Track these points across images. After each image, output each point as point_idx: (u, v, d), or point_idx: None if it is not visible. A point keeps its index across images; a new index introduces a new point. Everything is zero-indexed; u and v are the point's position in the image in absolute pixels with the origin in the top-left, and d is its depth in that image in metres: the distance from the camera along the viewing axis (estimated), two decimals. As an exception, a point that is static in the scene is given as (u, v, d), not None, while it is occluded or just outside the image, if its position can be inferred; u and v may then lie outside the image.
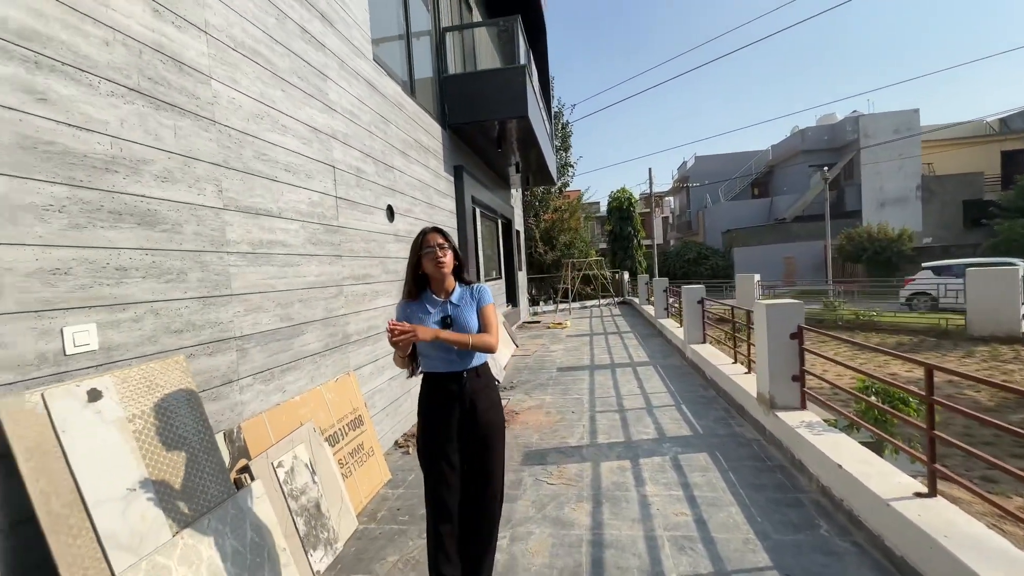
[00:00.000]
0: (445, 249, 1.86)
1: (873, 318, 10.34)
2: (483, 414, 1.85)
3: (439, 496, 1.80)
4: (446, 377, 1.85)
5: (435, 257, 1.83)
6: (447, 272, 1.87)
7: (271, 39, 2.71)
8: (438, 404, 1.86)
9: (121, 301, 1.76)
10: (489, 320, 1.88)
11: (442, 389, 1.85)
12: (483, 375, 1.91)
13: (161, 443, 1.78)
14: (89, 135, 1.67)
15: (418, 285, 1.90)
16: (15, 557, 1.40)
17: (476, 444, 1.86)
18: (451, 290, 1.91)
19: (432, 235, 1.88)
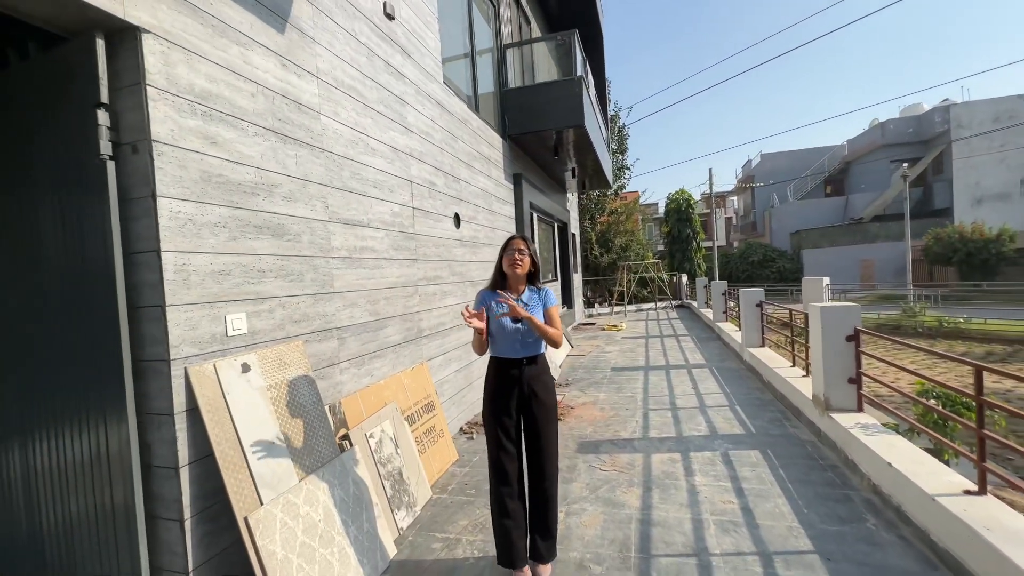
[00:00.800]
0: (524, 255, 2.22)
1: (959, 325, 9.57)
2: (538, 394, 2.19)
3: (499, 459, 2.18)
4: (509, 362, 2.20)
5: (513, 259, 2.20)
6: (521, 274, 2.22)
7: (363, 75, 3.19)
8: (501, 383, 2.21)
9: (261, 296, 2.25)
10: (554, 319, 2.23)
11: (505, 372, 2.20)
12: (539, 363, 2.24)
13: (289, 409, 2.25)
14: (241, 167, 2.17)
15: (502, 279, 2.28)
16: (200, 482, 1.88)
17: (531, 419, 2.20)
18: (522, 290, 2.27)
19: (517, 241, 2.26)
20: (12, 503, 2.06)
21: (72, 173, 1.78)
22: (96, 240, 1.76)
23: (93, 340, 1.78)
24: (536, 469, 2.21)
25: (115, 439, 1.78)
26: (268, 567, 1.85)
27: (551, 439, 2.23)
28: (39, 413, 1.93)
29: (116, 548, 1.81)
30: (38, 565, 2.00)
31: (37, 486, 1.97)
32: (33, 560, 2.01)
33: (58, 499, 1.91)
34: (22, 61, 1.93)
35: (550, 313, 2.24)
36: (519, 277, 2.24)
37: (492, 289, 2.28)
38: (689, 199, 20.72)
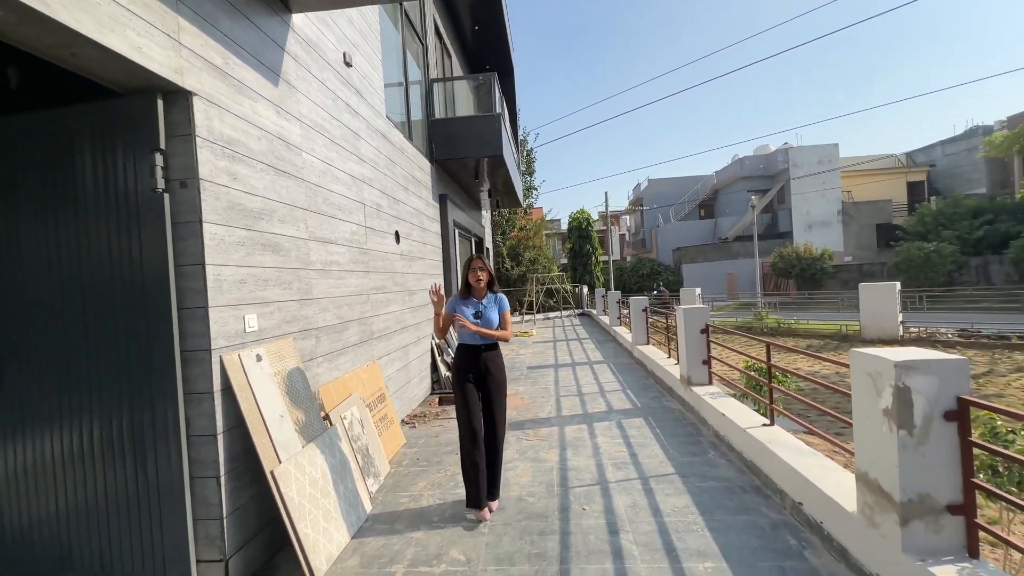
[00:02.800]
0: (484, 271, 3.04)
1: (791, 325, 12.16)
2: (492, 371, 2.97)
3: (468, 419, 2.89)
4: (471, 348, 2.99)
5: (476, 276, 3.03)
6: (482, 286, 3.05)
7: (330, 116, 3.78)
8: (465, 363, 2.98)
9: (266, 301, 2.77)
10: (506, 319, 3.07)
11: (468, 354, 2.98)
12: (494, 348, 3.04)
13: (290, 392, 2.79)
14: (253, 197, 2.70)
15: (468, 288, 3.06)
16: (229, 447, 2.38)
17: (487, 391, 2.96)
18: (484, 295, 3.07)
19: (477, 260, 3.06)
20: (80, 471, 2.36)
21: (133, 201, 2.22)
22: (154, 255, 2.22)
23: (149, 335, 2.23)
24: (491, 429, 2.96)
25: (165, 414, 2.24)
26: (289, 507, 2.41)
27: (501, 406, 3.00)
28: (102, 397, 2.29)
29: (160, 505, 2.25)
30: (100, 525, 2.33)
31: (96, 457, 2.31)
32: (93, 520, 2.34)
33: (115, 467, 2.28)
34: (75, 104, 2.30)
35: (504, 316, 3.05)
36: (481, 288, 3.05)
37: (461, 296, 3.07)
38: (588, 218, 22.90)
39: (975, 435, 1.89)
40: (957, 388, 1.85)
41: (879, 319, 10.33)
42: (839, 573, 2.21)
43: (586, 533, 2.67)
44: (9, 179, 2.37)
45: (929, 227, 21.78)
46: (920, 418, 1.86)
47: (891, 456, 1.91)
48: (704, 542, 2.51)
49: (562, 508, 2.97)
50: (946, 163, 28.75)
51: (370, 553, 2.61)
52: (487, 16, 9.98)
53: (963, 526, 1.86)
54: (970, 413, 1.83)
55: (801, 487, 2.67)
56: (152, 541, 2.27)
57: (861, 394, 2.10)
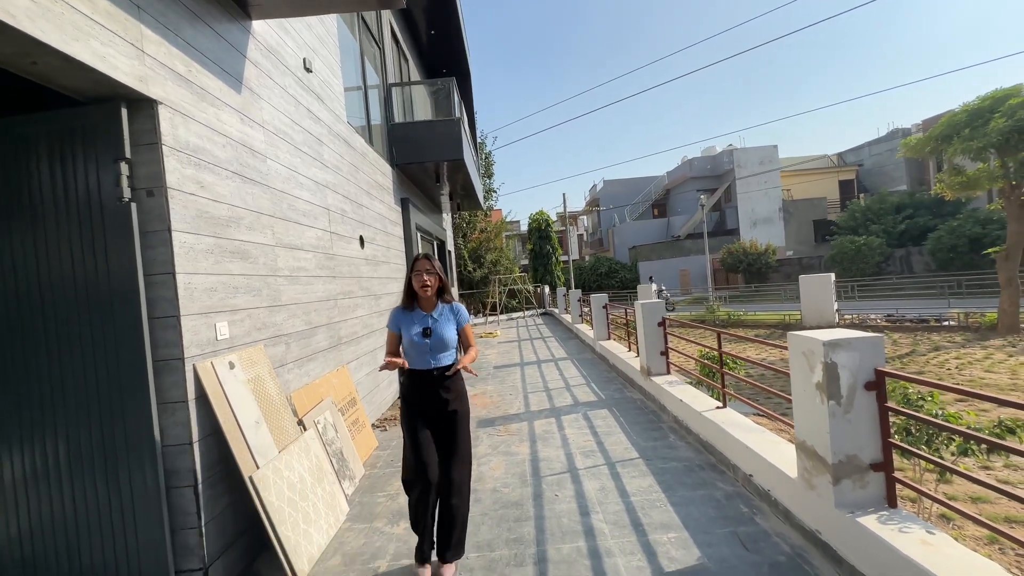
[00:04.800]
0: (431, 274, 2.35)
1: (740, 317, 12.91)
2: (450, 402, 2.35)
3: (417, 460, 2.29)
4: (421, 374, 2.34)
5: (421, 281, 2.33)
6: (429, 294, 2.36)
7: (292, 122, 3.77)
8: (415, 394, 2.36)
9: (236, 308, 2.77)
10: (468, 335, 2.48)
11: (419, 383, 2.35)
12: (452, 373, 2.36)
13: (264, 398, 2.80)
14: (220, 204, 2.69)
15: (411, 298, 2.40)
16: (208, 452, 2.38)
17: (445, 423, 2.36)
18: (434, 306, 2.41)
19: (421, 261, 2.37)
20: (46, 488, 2.28)
21: (98, 211, 2.19)
22: (121, 265, 2.20)
23: (118, 345, 2.20)
24: (447, 474, 2.32)
25: (138, 425, 2.22)
26: (270, 511, 2.44)
27: (462, 441, 2.36)
28: (68, 411, 2.23)
29: (135, 518, 2.23)
30: (70, 541, 2.26)
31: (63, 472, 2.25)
32: (61, 537, 2.27)
33: (84, 482, 2.23)
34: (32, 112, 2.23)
35: (466, 331, 2.46)
36: (428, 296, 2.37)
37: (404, 307, 2.41)
38: (547, 219, 23.31)
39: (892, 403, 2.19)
40: (874, 361, 2.14)
41: (817, 308, 11.16)
42: (784, 532, 2.48)
43: (559, 517, 2.83)
44: (-44, 190, 2.27)
45: (859, 222, 23.61)
46: (846, 389, 2.13)
47: (823, 424, 2.17)
48: (667, 516, 2.73)
49: (535, 496, 3.13)
50: (872, 163, 31.17)
51: (351, 551, 2.66)
52: (443, 21, 10.04)
53: (884, 481, 2.15)
54: (886, 383, 2.12)
55: (751, 461, 2.94)
56: (128, 554, 2.24)
57: (798, 371, 2.37)
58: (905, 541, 1.86)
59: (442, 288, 2.43)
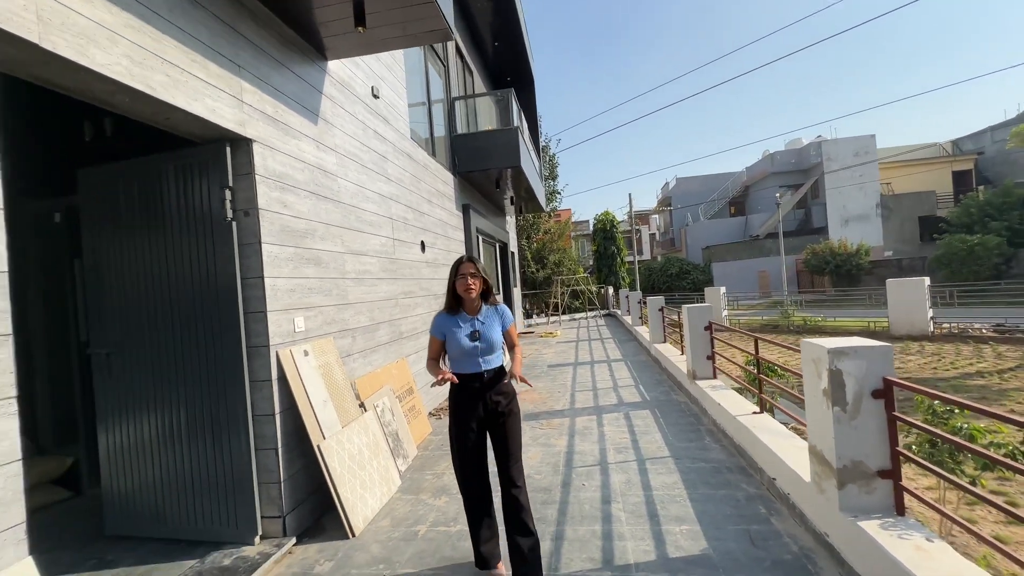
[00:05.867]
0: (475, 277, 2.31)
1: (819, 323, 12.06)
2: (501, 404, 2.28)
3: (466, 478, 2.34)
4: (470, 377, 2.28)
5: (465, 284, 2.28)
6: (474, 296, 2.31)
7: (361, 144, 4.33)
8: (463, 399, 2.30)
9: (310, 306, 3.32)
10: (513, 336, 2.45)
11: (467, 387, 2.29)
12: (501, 377, 2.33)
13: (332, 382, 3.33)
14: (299, 220, 3.25)
15: (456, 301, 2.36)
16: (284, 424, 2.93)
17: (498, 425, 2.30)
18: (478, 309, 2.36)
19: (465, 265, 2.33)
20: (171, 447, 2.97)
21: (209, 227, 2.80)
22: (225, 270, 2.79)
23: (223, 334, 2.80)
24: (505, 478, 2.28)
25: (236, 399, 2.80)
26: (333, 475, 2.93)
27: (514, 444, 2.30)
28: (187, 385, 2.89)
29: (233, 472, 2.81)
30: (186, 489, 2.93)
31: (183, 434, 2.91)
32: (181, 486, 2.94)
33: (198, 443, 2.87)
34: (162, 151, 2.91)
35: (511, 332, 2.43)
36: (473, 299, 2.33)
37: (448, 311, 2.37)
38: (613, 219, 23.06)
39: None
40: (883, 370, 2.17)
41: (908, 315, 10.18)
42: (796, 533, 2.54)
43: (582, 503, 3.08)
44: (114, 211, 3.00)
45: (975, 218, 20.82)
46: (851, 396, 2.19)
47: (829, 429, 2.24)
48: (684, 510, 2.88)
49: (564, 484, 3.39)
50: (995, 150, 27.26)
51: (399, 516, 3.10)
52: (507, 33, 10.49)
53: (892, 489, 2.17)
54: (894, 392, 2.14)
55: (775, 465, 2.99)
56: (228, 501, 2.84)
57: (808, 378, 2.43)
58: (898, 545, 1.92)
59: (487, 291, 2.38)
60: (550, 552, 2.54)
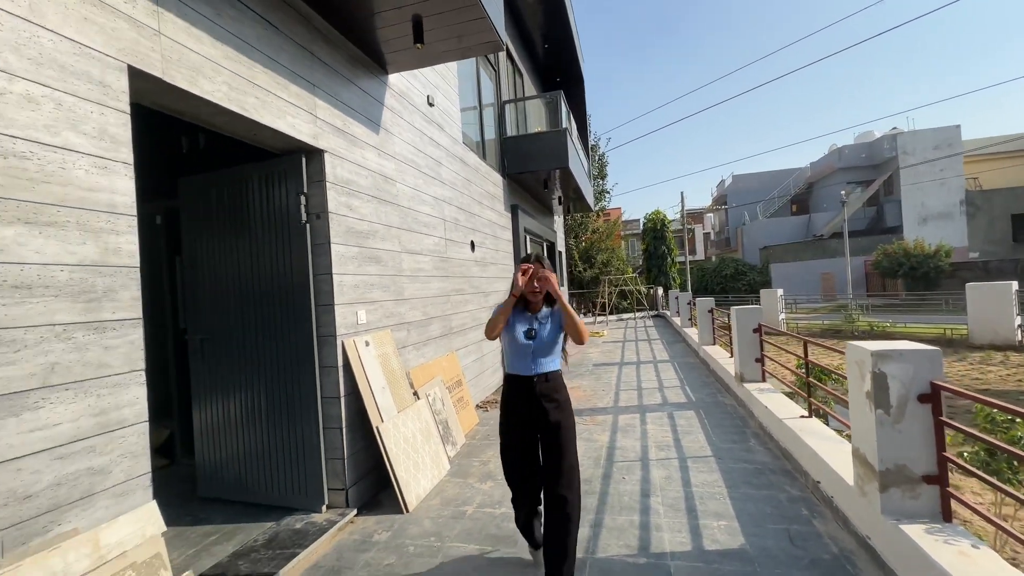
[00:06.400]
0: (543, 282, 2.18)
1: (887, 328, 11.30)
2: (551, 413, 2.17)
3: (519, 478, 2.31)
4: (521, 380, 2.21)
5: (533, 291, 2.22)
6: (538, 298, 2.25)
7: (417, 150, 4.63)
8: (514, 402, 2.25)
9: (371, 300, 3.63)
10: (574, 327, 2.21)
11: (518, 389, 2.23)
12: (552, 379, 2.22)
13: (389, 370, 3.63)
14: (362, 222, 3.57)
15: (521, 299, 2.26)
16: (348, 406, 3.24)
17: (548, 435, 2.19)
18: (539, 309, 2.28)
19: (537, 266, 2.19)
20: (252, 425, 3.39)
21: (287, 228, 3.16)
22: (300, 267, 3.14)
23: (297, 325, 3.15)
24: (555, 492, 2.12)
25: (308, 382, 3.14)
26: (390, 455, 3.22)
27: (566, 454, 2.16)
28: (267, 369, 3.28)
29: (304, 448, 3.16)
30: (264, 461, 3.33)
31: (263, 413, 3.30)
32: (261, 458, 3.34)
33: (275, 421, 3.25)
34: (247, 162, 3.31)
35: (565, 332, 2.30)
36: (538, 303, 2.26)
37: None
38: (664, 218, 22.54)
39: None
40: (930, 374, 2.15)
41: (991, 322, 9.37)
42: (837, 535, 2.54)
43: (621, 495, 3.19)
44: (207, 214, 3.43)
45: (1081, 217, 18.59)
46: (896, 399, 2.18)
47: (871, 432, 2.24)
48: (723, 507, 2.93)
49: (604, 476, 3.51)
50: (1110, 139, 24.19)
51: (448, 497, 3.35)
52: (557, 34, 10.60)
53: (938, 495, 2.15)
54: (941, 396, 2.12)
55: (820, 468, 2.97)
56: (299, 473, 3.19)
57: (852, 381, 2.43)
58: (940, 549, 1.91)
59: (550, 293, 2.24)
60: (588, 538, 2.68)
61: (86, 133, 1.76)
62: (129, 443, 1.85)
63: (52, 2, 1.68)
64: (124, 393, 1.84)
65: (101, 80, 1.83)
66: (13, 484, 1.49)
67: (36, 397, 1.56)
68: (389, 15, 3.25)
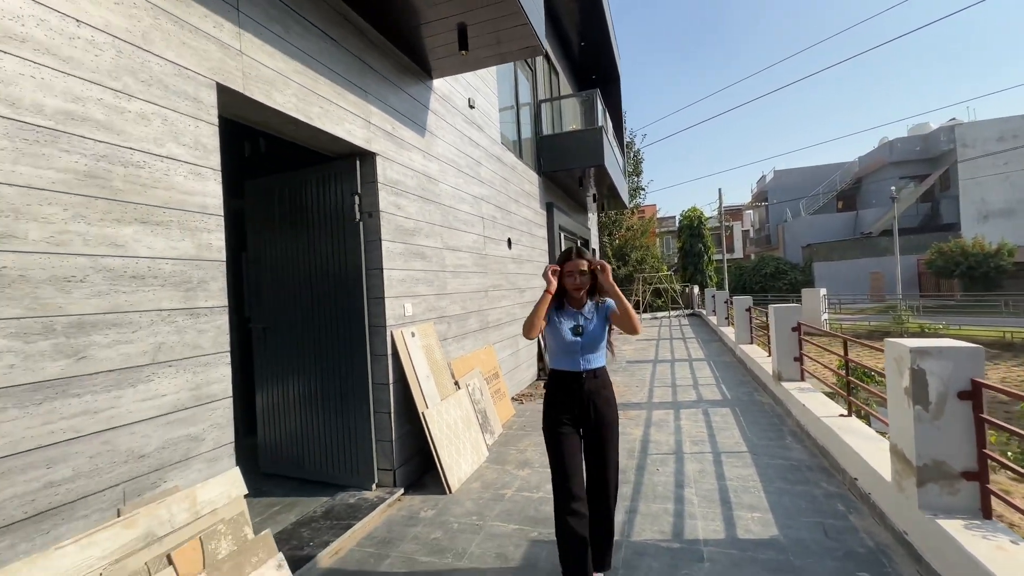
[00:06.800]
0: (585, 275, 2.12)
1: (939, 330, 10.78)
2: (599, 409, 2.11)
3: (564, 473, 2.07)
4: (567, 376, 2.13)
5: (574, 283, 2.13)
6: (581, 294, 2.16)
7: (458, 151, 4.83)
8: (559, 398, 2.15)
9: (416, 294, 3.85)
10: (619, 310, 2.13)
11: (563, 385, 2.14)
12: (600, 376, 2.15)
13: (432, 360, 3.84)
14: (409, 220, 3.79)
15: (561, 297, 2.18)
16: (396, 392, 3.47)
17: (594, 432, 2.13)
18: (583, 304, 2.18)
19: (576, 262, 2.12)
20: (309, 408, 3.69)
21: (342, 226, 3.42)
22: (354, 262, 3.39)
23: (351, 315, 3.40)
24: (599, 485, 2.15)
25: (359, 369, 3.39)
26: (434, 438, 3.43)
27: (614, 455, 2.16)
28: (323, 356, 3.55)
29: (356, 430, 3.41)
30: (319, 441, 3.62)
31: (319, 397, 3.58)
32: (316, 439, 3.63)
33: (330, 404, 3.52)
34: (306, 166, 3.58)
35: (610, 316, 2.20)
36: (581, 297, 2.18)
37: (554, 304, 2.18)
38: (700, 216, 22.09)
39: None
40: (971, 372, 2.16)
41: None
42: (873, 530, 2.56)
43: (655, 485, 3.29)
44: (269, 214, 3.73)
45: None
46: (935, 396, 2.20)
47: (909, 427, 2.27)
48: (757, 500, 2.99)
49: (638, 468, 3.61)
50: None
51: (487, 480, 3.53)
52: (593, 32, 10.62)
53: (978, 491, 2.16)
54: (982, 394, 2.13)
55: (858, 464, 2.98)
56: (351, 453, 3.45)
57: (891, 377, 2.45)
58: (977, 543, 1.94)
59: (594, 286, 2.19)
60: (623, 523, 2.80)
61: (185, 144, 2.02)
62: (217, 415, 2.11)
63: (159, 30, 1.94)
64: (213, 371, 2.10)
65: (196, 97, 2.08)
66: (131, 444, 1.76)
67: (148, 372, 1.83)
68: (436, 24, 3.44)
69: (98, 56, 1.72)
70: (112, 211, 1.74)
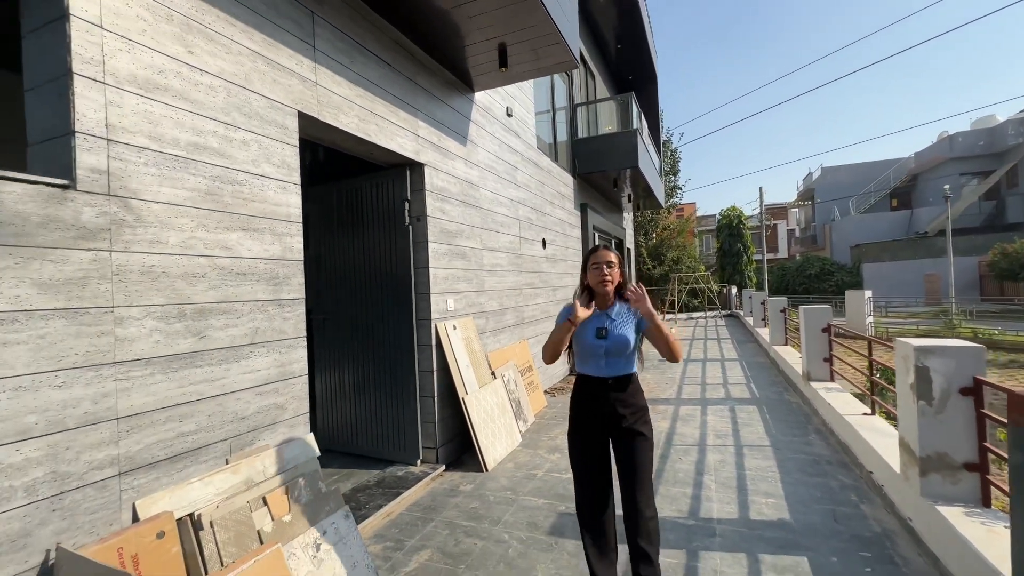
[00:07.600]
0: (613, 267, 2.01)
1: (995, 336, 10.29)
2: (627, 418, 1.95)
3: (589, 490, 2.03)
4: (593, 382, 2.01)
5: (600, 275, 2.00)
6: (609, 289, 2.01)
7: (496, 157, 5.17)
8: (584, 406, 2.03)
9: (457, 291, 4.22)
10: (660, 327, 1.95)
11: (589, 392, 2.02)
12: (628, 384, 2.00)
13: (471, 351, 4.21)
14: (452, 223, 4.16)
15: (588, 294, 2.03)
16: (439, 379, 3.85)
17: (623, 444, 1.97)
18: (611, 304, 2.04)
19: (603, 252, 2.02)
20: (363, 391, 4.15)
21: (393, 229, 3.83)
22: (404, 261, 3.79)
23: (399, 309, 3.81)
24: (630, 516, 1.93)
25: (407, 357, 3.79)
26: (473, 422, 3.79)
27: (645, 472, 1.95)
28: (376, 345, 3.99)
29: (403, 412, 3.82)
30: (371, 422, 4.06)
31: (372, 382, 4.02)
32: (369, 420, 4.08)
33: (381, 388, 3.95)
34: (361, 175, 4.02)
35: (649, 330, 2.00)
36: (608, 293, 2.03)
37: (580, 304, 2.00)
38: (740, 215, 21.61)
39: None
40: (973, 370, 2.31)
41: (1126, 334, 8.29)
42: (882, 518, 2.72)
43: (676, 472, 3.53)
44: (328, 216, 4.19)
45: None
46: (938, 392, 2.36)
47: (913, 421, 2.43)
48: (773, 488, 3.18)
49: (662, 457, 3.85)
50: None
51: (520, 462, 3.87)
52: (630, 34, 10.73)
53: (979, 481, 2.31)
54: (983, 390, 2.27)
55: (873, 458, 3.12)
56: (398, 434, 3.86)
57: (899, 373, 2.61)
58: (969, 526, 2.11)
59: (622, 284, 2.06)
60: (644, 501, 3.07)
61: (274, 163, 2.44)
62: (296, 389, 2.54)
63: (256, 72, 2.37)
64: (294, 352, 2.52)
65: (283, 124, 2.51)
66: (236, 408, 2.19)
67: (247, 350, 2.26)
68: (480, 45, 3.78)
69: (215, 97, 2.15)
70: (223, 221, 2.17)
